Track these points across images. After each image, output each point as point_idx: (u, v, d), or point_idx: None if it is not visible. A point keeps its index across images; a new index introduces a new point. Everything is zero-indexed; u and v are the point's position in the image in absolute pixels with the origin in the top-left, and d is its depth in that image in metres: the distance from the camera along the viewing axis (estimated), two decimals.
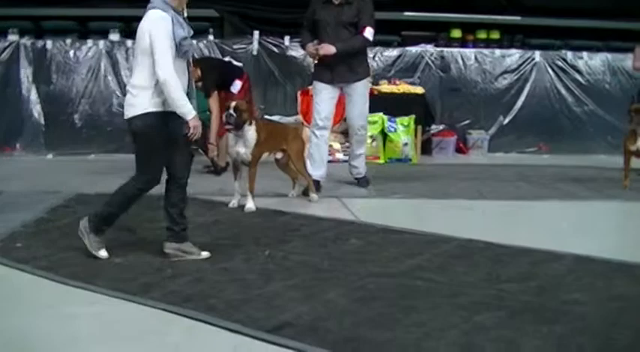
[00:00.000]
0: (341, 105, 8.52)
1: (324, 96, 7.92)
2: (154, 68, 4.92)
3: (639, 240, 6.08)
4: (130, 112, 5.06)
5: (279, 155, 7.51)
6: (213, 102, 8.82)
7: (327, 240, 5.90)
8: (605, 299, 4.51)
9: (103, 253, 5.20)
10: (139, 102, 5.00)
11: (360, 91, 7.99)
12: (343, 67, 7.79)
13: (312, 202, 7.46)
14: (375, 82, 10.95)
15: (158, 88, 4.95)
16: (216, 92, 8.89)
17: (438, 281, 4.80)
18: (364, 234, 6.14)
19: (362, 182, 8.39)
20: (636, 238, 6.31)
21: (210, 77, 8.78)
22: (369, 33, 7.76)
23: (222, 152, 8.95)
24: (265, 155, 7.33)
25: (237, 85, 9.02)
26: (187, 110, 5.01)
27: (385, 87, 11.20)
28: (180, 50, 4.98)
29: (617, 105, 11.36)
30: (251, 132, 6.97)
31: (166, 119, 5.04)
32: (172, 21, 4.94)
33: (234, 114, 6.85)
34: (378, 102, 10.07)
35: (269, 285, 4.68)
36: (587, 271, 5.12)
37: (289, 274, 4.93)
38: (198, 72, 8.34)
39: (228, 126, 7.00)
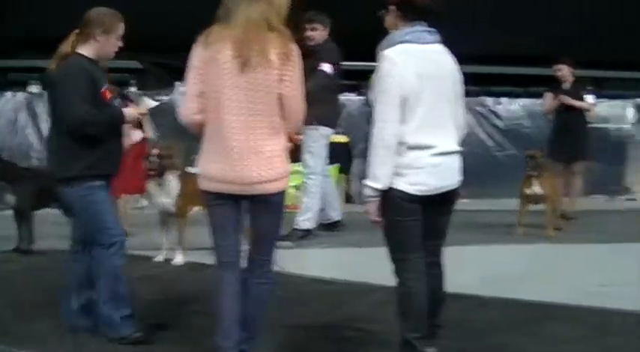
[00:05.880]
0: None
1: None
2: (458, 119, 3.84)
3: (565, 282, 6.18)
4: (459, 176, 3.96)
5: None
6: None
7: None
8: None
9: None
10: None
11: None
12: None
13: None
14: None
15: None
16: None
17: (371, 330, 4.78)
18: (292, 285, 6.03)
19: (292, 233, 7.85)
20: (561, 280, 6.37)
21: None
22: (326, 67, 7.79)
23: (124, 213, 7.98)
24: (197, 209, 6.73)
25: (137, 135, 8.14)
26: None
27: None
28: None
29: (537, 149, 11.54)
30: (174, 181, 6.72)
31: None
32: None
33: (158, 160, 6.63)
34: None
35: None
36: (518, 315, 5.18)
37: None
38: None
39: (150, 173, 6.67)
